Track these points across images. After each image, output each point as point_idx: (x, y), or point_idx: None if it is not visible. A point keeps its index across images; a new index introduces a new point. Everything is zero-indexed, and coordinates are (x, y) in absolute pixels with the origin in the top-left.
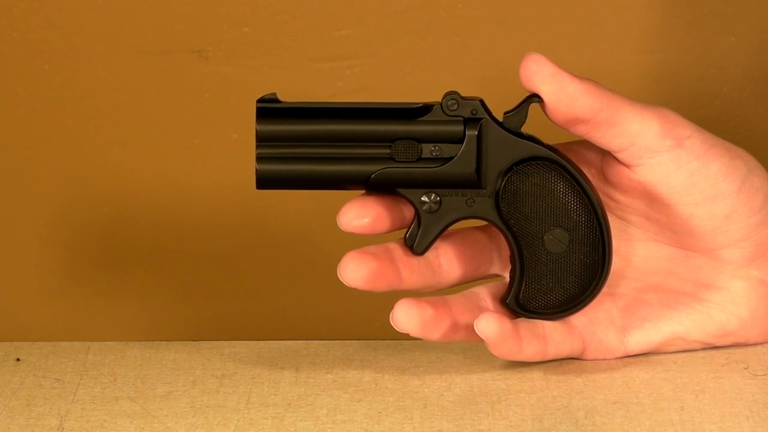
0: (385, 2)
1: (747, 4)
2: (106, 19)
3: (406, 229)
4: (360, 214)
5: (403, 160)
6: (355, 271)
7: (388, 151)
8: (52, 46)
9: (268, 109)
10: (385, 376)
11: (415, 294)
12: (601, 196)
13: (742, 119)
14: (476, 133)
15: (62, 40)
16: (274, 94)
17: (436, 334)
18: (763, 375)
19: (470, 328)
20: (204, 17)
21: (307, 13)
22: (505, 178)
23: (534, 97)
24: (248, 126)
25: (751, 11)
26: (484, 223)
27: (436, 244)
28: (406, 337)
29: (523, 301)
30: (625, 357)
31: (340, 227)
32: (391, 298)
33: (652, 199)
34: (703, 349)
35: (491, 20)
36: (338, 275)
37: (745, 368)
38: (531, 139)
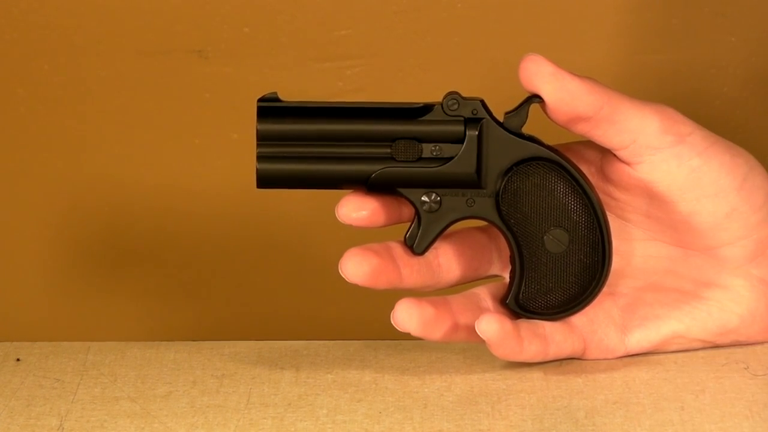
0: (385, 2)
1: (747, 4)
2: (106, 19)
3: (406, 227)
4: (358, 206)
5: (403, 159)
6: (356, 267)
7: (389, 150)
8: (52, 46)
9: (269, 108)
10: (385, 376)
11: (415, 294)
12: (601, 195)
13: (742, 119)
14: (477, 133)
15: (62, 40)
16: (275, 93)
17: (436, 334)
18: (763, 375)
19: (471, 329)
20: (204, 17)
21: (307, 13)
22: (506, 179)
23: (534, 98)
24: (248, 126)
25: (751, 11)
26: (484, 223)
27: (436, 244)
28: (406, 337)
29: (523, 302)
30: (625, 357)
31: (339, 219)
32: (391, 298)
33: (652, 196)
34: (704, 348)
35: (491, 20)
36: (340, 271)
37: (745, 368)
38: (531, 139)
